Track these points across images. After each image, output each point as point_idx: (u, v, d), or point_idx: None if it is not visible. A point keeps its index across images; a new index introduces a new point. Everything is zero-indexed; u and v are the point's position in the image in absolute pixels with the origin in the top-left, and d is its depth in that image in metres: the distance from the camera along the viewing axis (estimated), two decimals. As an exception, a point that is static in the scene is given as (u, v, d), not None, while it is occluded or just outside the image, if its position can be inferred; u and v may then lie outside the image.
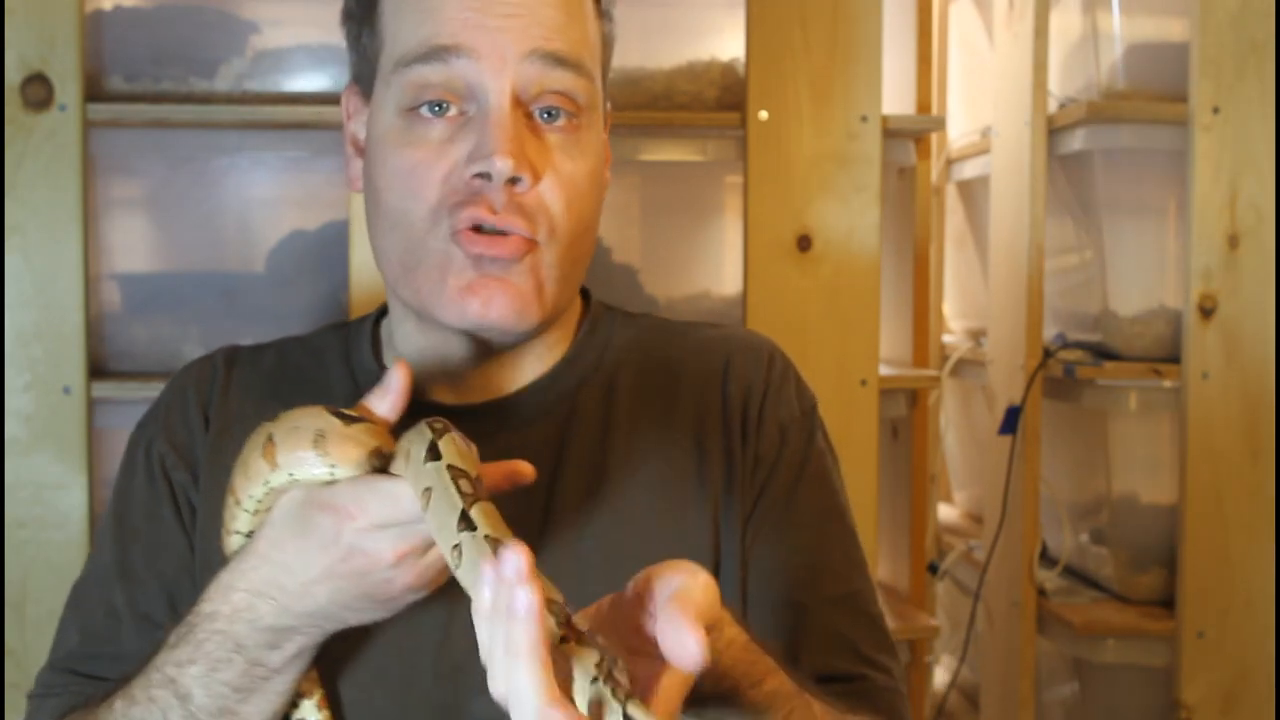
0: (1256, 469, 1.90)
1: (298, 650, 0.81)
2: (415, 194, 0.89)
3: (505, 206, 0.88)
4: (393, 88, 0.91)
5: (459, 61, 0.88)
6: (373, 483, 0.75)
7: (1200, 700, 1.90)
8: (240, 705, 0.82)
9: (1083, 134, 1.97)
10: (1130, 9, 2.00)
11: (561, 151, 0.90)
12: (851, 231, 1.78)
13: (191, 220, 1.81)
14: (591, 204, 0.94)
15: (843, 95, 1.78)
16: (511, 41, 0.88)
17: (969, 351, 2.34)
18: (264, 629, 0.80)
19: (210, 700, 0.81)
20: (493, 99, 0.88)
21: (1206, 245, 1.89)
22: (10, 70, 1.63)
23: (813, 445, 1.00)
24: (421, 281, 0.90)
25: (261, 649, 0.81)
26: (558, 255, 0.91)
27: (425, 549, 0.75)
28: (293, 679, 0.83)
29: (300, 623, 0.80)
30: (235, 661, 0.81)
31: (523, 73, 0.88)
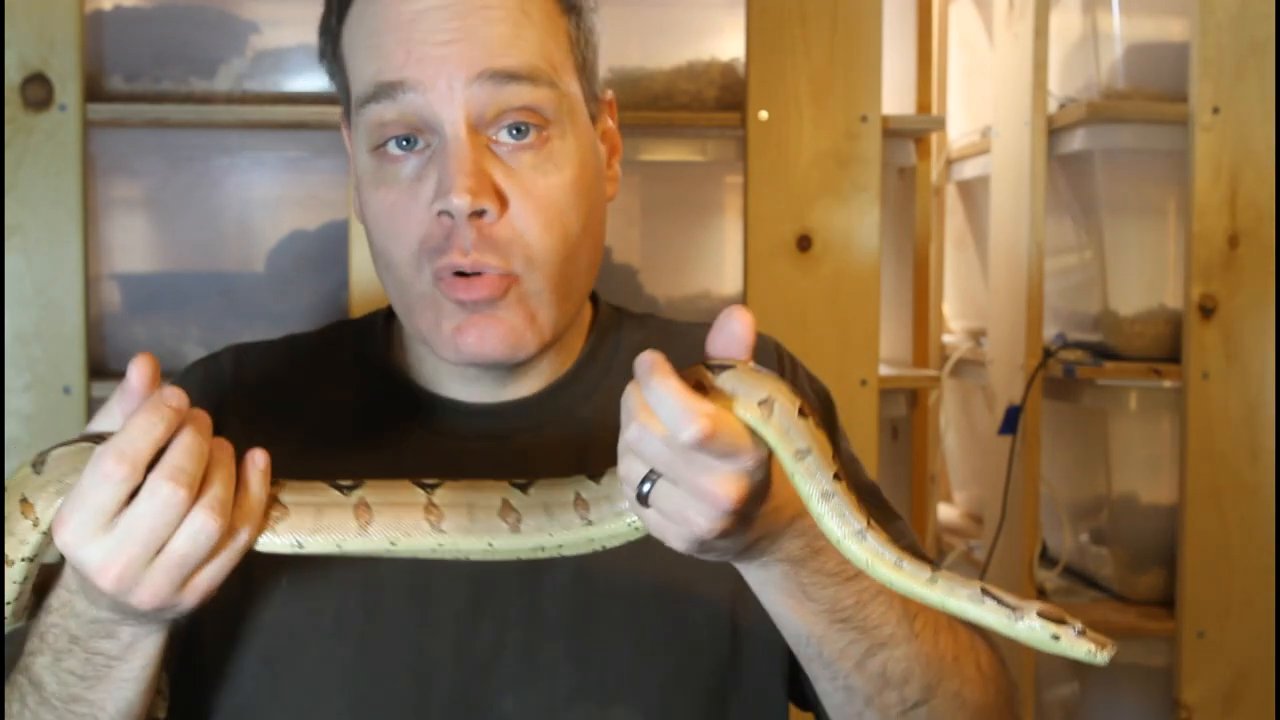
0: (1256, 469, 1.90)
1: (133, 638, 0.79)
2: (395, 236, 0.89)
3: (475, 244, 0.86)
4: (360, 129, 0.91)
5: (406, 96, 0.86)
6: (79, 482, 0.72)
7: (1200, 700, 1.90)
8: (89, 693, 0.81)
9: (1083, 134, 1.97)
10: (1130, 9, 2.00)
11: (533, 170, 0.88)
12: (851, 231, 1.78)
13: (191, 220, 1.81)
14: (577, 216, 0.91)
15: (843, 95, 1.78)
16: (456, 68, 0.85)
17: (969, 351, 2.34)
18: (87, 621, 0.78)
19: (60, 688, 0.81)
20: (448, 130, 0.86)
21: (1206, 245, 1.89)
22: (10, 70, 1.63)
23: (836, 431, 1.01)
24: (419, 322, 0.90)
25: (94, 639, 0.79)
26: (544, 281, 0.89)
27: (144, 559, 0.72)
28: (141, 666, 0.81)
29: (113, 617, 0.78)
30: (75, 651, 0.80)
31: (474, 97, 0.86)
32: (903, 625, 0.81)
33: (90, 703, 0.81)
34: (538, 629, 0.88)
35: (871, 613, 0.79)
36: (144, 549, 0.71)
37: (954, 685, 0.84)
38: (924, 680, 0.82)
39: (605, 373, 0.99)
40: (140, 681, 0.81)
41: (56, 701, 0.81)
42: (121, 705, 0.82)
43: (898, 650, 0.81)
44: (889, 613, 0.80)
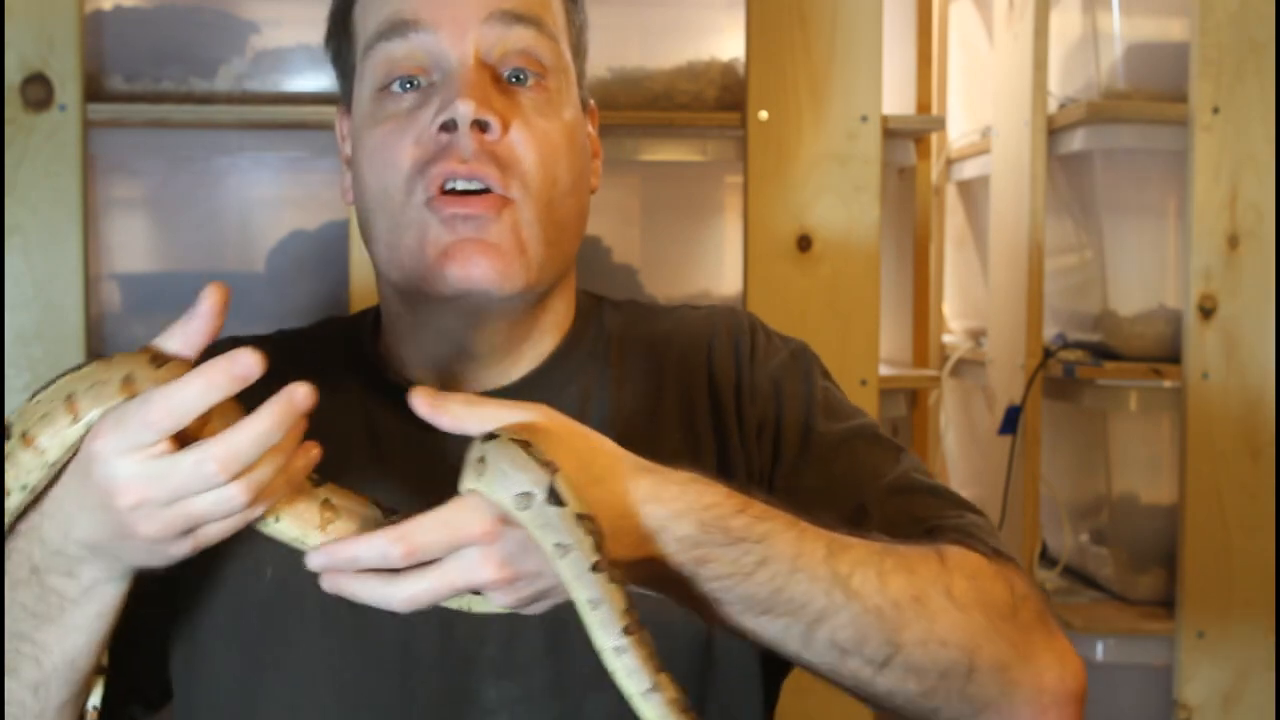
0: (1256, 469, 1.89)
1: (92, 582, 0.75)
2: (390, 163, 0.90)
3: (475, 155, 0.87)
4: (365, 74, 0.93)
5: (418, 35, 0.90)
6: (128, 406, 0.70)
7: (1200, 700, 1.90)
8: (36, 632, 0.77)
9: (1083, 134, 1.97)
10: (1130, 9, 2.00)
11: (532, 109, 0.91)
12: (851, 231, 1.78)
13: (191, 220, 1.81)
14: (569, 164, 0.92)
15: (843, 95, 1.78)
16: (467, 10, 0.90)
17: (969, 351, 2.34)
18: (52, 552, 0.75)
19: (10, 622, 0.77)
20: (456, 61, 0.90)
21: (1206, 245, 1.89)
22: (10, 70, 1.63)
23: (812, 383, 0.99)
24: (404, 256, 0.90)
25: (54, 574, 0.76)
26: (536, 212, 0.90)
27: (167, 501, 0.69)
28: (95, 615, 0.77)
29: (80, 552, 0.74)
30: (31, 584, 0.76)
31: (484, 36, 0.90)
32: (835, 592, 0.76)
33: (36, 643, 0.78)
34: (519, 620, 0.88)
35: (794, 594, 0.75)
36: (170, 496, 0.69)
37: (921, 628, 0.78)
38: (881, 636, 0.77)
39: (588, 358, 0.99)
40: (90, 633, 0.78)
41: (6, 636, 0.78)
42: (68, 653, 0.78)
43: (839, 618, 0.76)
44: (814, 586, 0.75)
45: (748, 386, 0.98)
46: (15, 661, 0.78)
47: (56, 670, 0.78)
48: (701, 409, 0.98)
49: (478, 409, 0.73)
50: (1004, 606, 0.82)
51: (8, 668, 0.78)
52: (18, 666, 0.78)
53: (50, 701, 0.79)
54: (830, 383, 1.01)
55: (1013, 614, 0.82)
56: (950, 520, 0.88)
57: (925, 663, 0.78)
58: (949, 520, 0.88)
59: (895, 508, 0.90)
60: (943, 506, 0.91)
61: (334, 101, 1.75)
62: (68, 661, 0.78)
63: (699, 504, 0.74)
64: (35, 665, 0.78)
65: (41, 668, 0.78)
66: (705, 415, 0.98)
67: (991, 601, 0.81)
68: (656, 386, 0.98)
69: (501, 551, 0.69)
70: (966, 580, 0.81)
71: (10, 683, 0.79)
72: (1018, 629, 0.82)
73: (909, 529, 0.87)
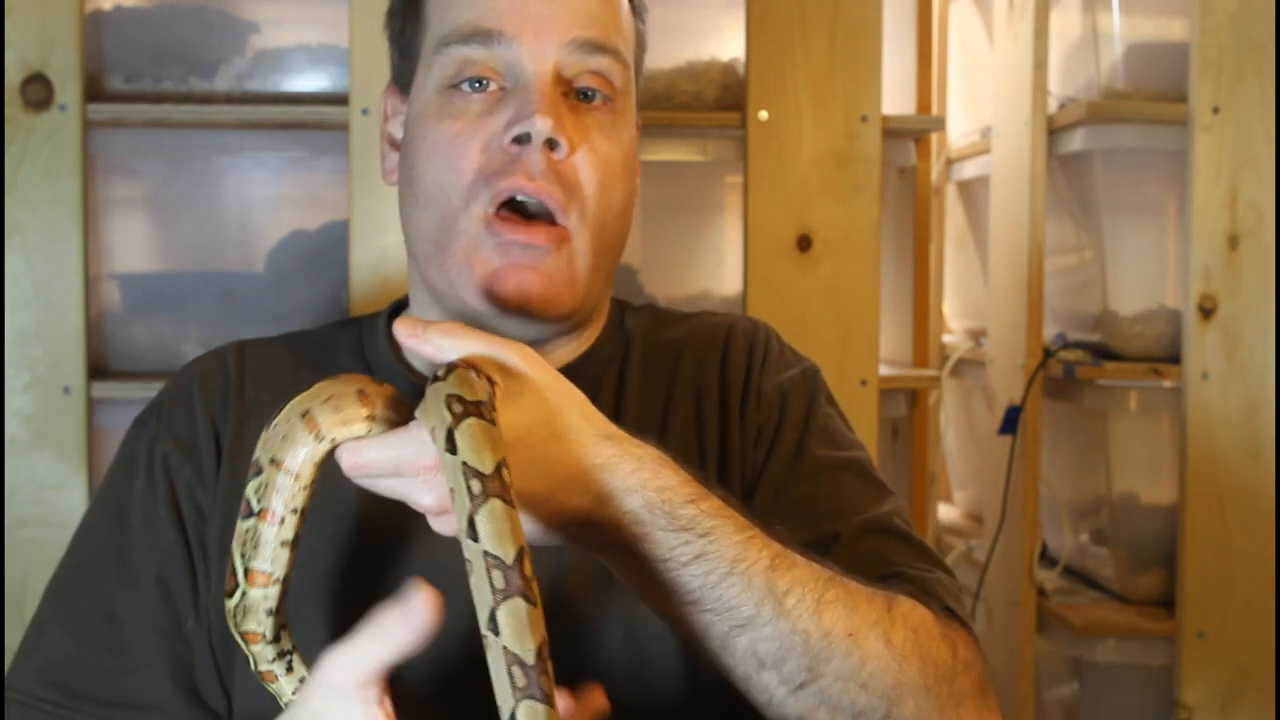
0: (1256, 469, 1.89)
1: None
2: (453, 165, 0.91)
3: (543, 173, 0.89)
4: (434, 67, 0.93)
5: (500, 46, 0.91)
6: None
7: (1200, 700, 1.90)
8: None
9: (1083, 134, 1.97)
10: (1130, 9, 2.00)
11: (598, 130, 0.93)
12: (851, 231, 1.78)
13: (191, 220, 1.81)
14: (622, 189, 0.95)
15: (843, 95, 1.78)
16: (553, 30, 0.91)
17: (969, 351, 2.34)
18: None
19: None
20: (533, 74, 0.91)
21: (1206, 245, 1.89)
22: (10, 70, 1.63)
23: (816, 405, 1.01)
24: (450, 263, 0.91)
25: None
26: (589, 241, 0.92)
27: None
28: None
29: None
30: None
31: (563, 59, 0.91)
32: (767, 604, 0.75)
33: None
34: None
35: (724, 594, 0.75)
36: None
37: (847, 664, 0.77)
38: (803, 660, 0.76)
39: (609, 360, 1.01)
40: None
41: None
42: None
43: (764, 630, 0.75)
44: (746, 593, 0.75)
45: (755, 390, 1.00)
46: None
47: None
48: (710, 407, 0.99)
49: (457, 338, 0.74)
50: (942, 667, 0.81)
51: None
52: None
53: None
54: (834, 410, 1.03)
55: (949, 678, 0.81)
56: (914, 572, 0.89)
57: (842, 699, 0.77)
58: (913, 571, 0.89)
59: (866, 546, 0.91)
60: (912, 556, 0.91)
61: (334, 101, 1.76)
62: None
63: (652, 483, 0.74)
64: None
65: None
66: (714, 414, 0.99)
67: (929, 659, 0.80)
68: (670, 386, 1.00)
69: (440, 485, 0.70)
70: (908, 632, 0.80)
71: None
72: (951, 693, 0.81)
73: (873, 569, 0.87)
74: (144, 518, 0.95)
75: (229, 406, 0.97)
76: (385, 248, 1.66)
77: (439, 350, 0.73)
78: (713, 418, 0.99)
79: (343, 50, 1.71)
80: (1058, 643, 2.06)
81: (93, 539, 0.96)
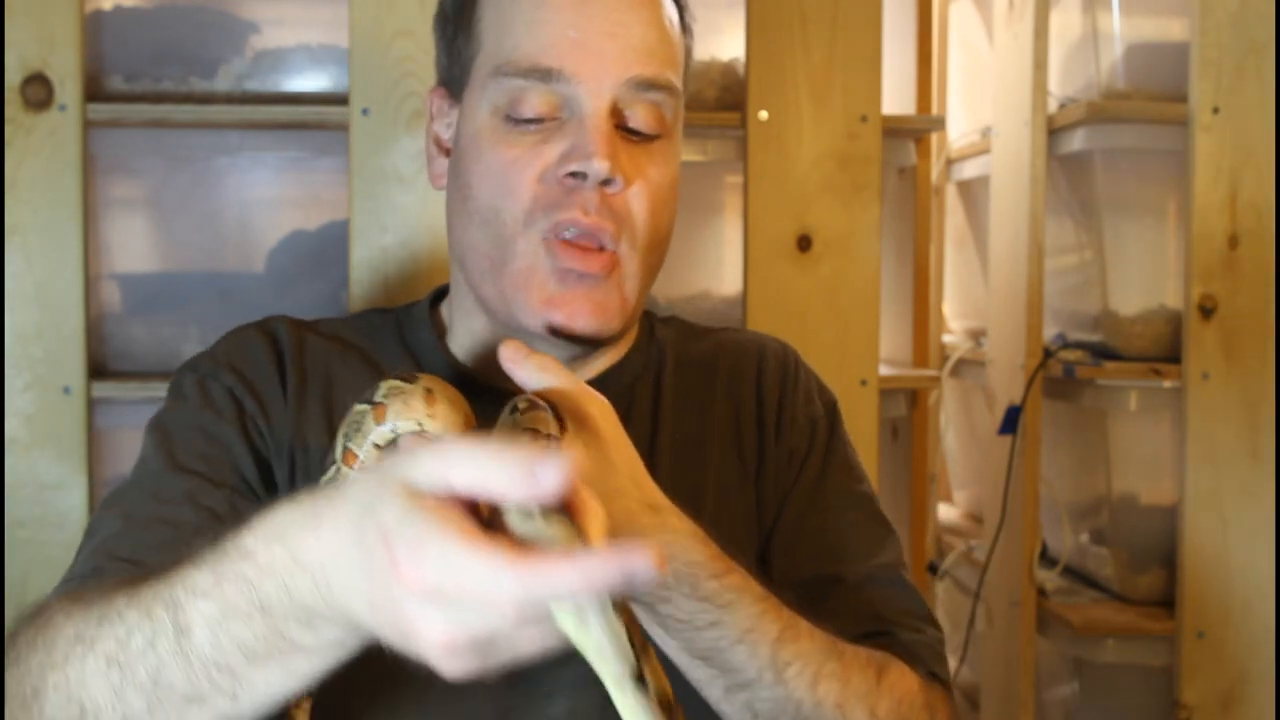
0: (1256, 469, 1.89)
1: (334, 640, 0.65)
2: (510, 192, 0.92)
3: (597, 209, 0.91)
4: (489, 91, 0.94)
5: (559, 83, 0.92)
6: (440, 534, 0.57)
7: (1200, 700, 1.90)
8: (245, 668, 0.66)
9: (1083, 134, 1.97)
10: (1130, 9, 2.00)
11: (648, 159, 0.95)
12: (851, 231, 1.78)
13: (191, 220, 1.81)
14: (669, 214, 0.98)
15: (843, 95, 1.78)
16: (610, 68, 0.92)
17: (969, 351, 2.34)
18: (296, 604, 0.64)
19: (211, 650, 0.66)
20: (590, 106, 0.92)
21: (1206, 245, 1.89)
22: (10, 70, 1.63)
23: (836, 437, 1.06)
24: (507, 285, 0.94)
25: (289, 621, 0.65)
26: (638, 265, 0.95)
27: (481, 643, 0.58)
28: (320, 666, 0.67)
29: (339, 616, 0.64)
30: (255, 621, 0.65)
31: (620, 94, 0.93)
32: (769, 671, 0.82)
33: (239, 679, 0.67)
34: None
35: (732, 658, 0.81)
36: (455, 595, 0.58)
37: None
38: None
39: (644, 369, 1.04)
40: (308, 680, 0.68)
41: (196, 660, 0.67)
42: (274, 695, 0.68)
43: (763, 692, 0.83)
44: (751, 660, 0.82)
45: (789, 414, 1.04)
46: (204, 690, 0.67)
47: (253, 708, 0.68)
48: (748, 423, 1.03)
49: (549, 374, 0.78)
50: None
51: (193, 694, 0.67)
52: (206, 696, 0.67)
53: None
54: (849, 443, 1.08)
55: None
56: (905, 634, 0.95)
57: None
58: (903, 633, 0.95)
59: (867, 597, 0.97)
60: (907, 614, 0.98)
61: (334, 102, 1.76)
62: (271, 700, 0.69)
63: (683, 557, 0.79)
64: (230, 700, 0.67)
65: (237, 703, 0.68)
66: (751, 429, 1.03)
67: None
68: (707, 398, 1.04)
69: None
70: (892, 703, 0.87)
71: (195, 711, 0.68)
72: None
73: (869, 623, 0.95)
74: (206, 438, 0.93)
75: (288, 363, 0.99)
76: (385, 248, 1.66)
77: (528, 378, 0.78)
78: (750, 433, 1.03)
79: (343, 50, 1.71)
80: (1058, 643, 2.06)
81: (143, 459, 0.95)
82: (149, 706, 0.68)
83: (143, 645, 0.68)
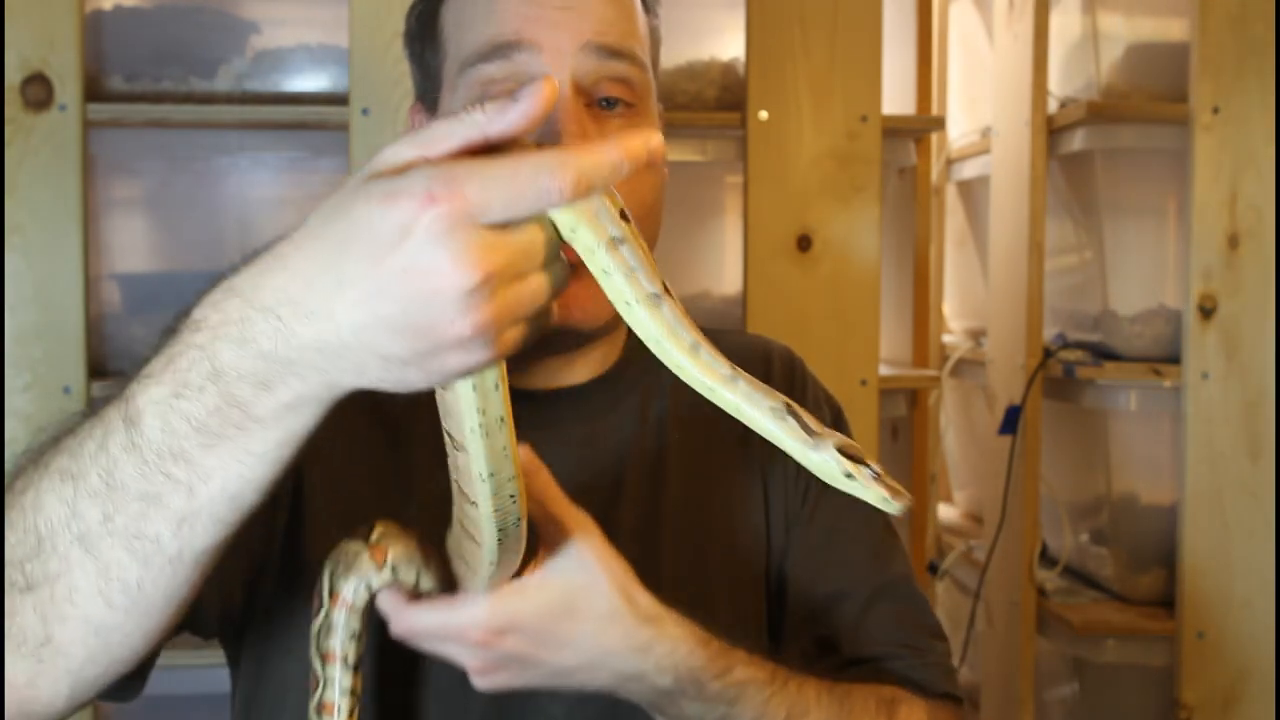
0: (1256, 469, 1.89)
1: (292, 400, 0.61)
2: None
3: None
4: (459, 90, 0.94)
5: (520, 55, 0.91)
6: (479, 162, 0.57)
7: (1200, 700, 1.90)
8: (200, 453, 0.62)
9: (1083, 134, 1.97)
10: (1130, 9, 2.00)
11: (620, 128, 0.93)
12: (851, 231, 1.78)
13: (191, 220, 1.81)
14: (651, 190, 0.97)
15: (843, 95, 1.78)
16: (568, 34, 0.91)
17: (969, 351, 2.34)
18: (254, 356, 0.60)
19: (162, 435, 0.62)
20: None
21: (1206, 245, 1.89)
22: (10, 70, 1.63)
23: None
24: None
25: (244, 384, 0.61)
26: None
27: (522, 274, 0.58)
28: (279, 443, 0.63)
29: (302, 358, 0.60)
30: (207, 393, 0.61)
31: (581, 63, 0.92)
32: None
33: (194, 467, 0.62)
34: None
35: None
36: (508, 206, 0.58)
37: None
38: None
39: (646, 368, 1.01)
40: (267, 465, 0.63)
41: (150, 453, 0.62)
42: (231, 485, 0.63)
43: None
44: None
45: None
46: (159, 485, 0.63)
47: (212, 503, 0.63)
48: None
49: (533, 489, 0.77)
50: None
51: (148, 491, 0.63)
52: (162, 493, 0.63)
53: (192, 543, 0.64)
54: None
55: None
56: (910, 657, 0.97)
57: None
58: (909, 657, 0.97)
59: (874, 616, 0.98)
60: (913, 629, 0.99)
61: (334, 101, 1.76)
62: (228, 495, 0.64)
63: (685, 664, 0.79)
64: (187, 494, 0.63)
65: (195, 498, 0.63)
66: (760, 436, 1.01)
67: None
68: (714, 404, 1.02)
69: (490, 657, 0.75)
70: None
71: (152, 514, 0.63)
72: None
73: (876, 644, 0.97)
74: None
75: None
76: (385, 248, 1.66)
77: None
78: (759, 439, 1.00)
79: (343, 50, 1.71)
80: (1058, 643, 2.06)
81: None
82: (104, 515, 0.63)
83: (94, 450, 0.64)
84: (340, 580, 0.76)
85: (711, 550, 0.95)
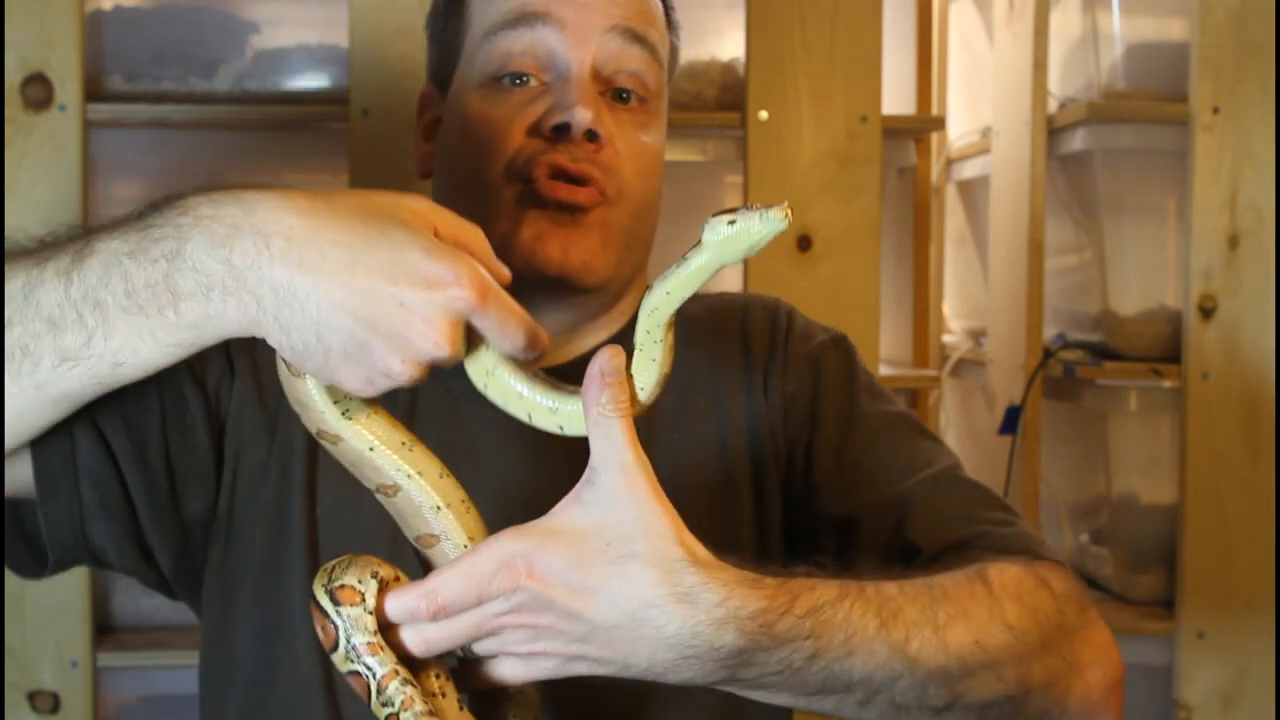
0: (1256, 469, 1.89)
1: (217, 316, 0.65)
2: (490, 151, 0.93)
3: (582, 159, 0.91)
4: (477, 59, 0.95)
5: (544, 29, 0.93)
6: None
7: (1200, 700, 1.90)
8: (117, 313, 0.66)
9: (1083, 134, 1.97)
10: (1130, 9, 2.00)
11: (632, 123, 0.96)
12: (851, 231, 1.78)
13: (191, 220, 1.81)
14: (656, 183, 0.99)
15: (843, 95, 1.78)
16: (596, 16, 0.93)
17: (969, 351, 2.34)
18: (219, 260, 0.64)
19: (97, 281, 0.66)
20: (574, 66, 0.93)
21: (1206, 245, 1.89)
22: (10, 70, 1.63)
23: (855, 366, 1.02)
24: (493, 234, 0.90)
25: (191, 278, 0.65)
26: (625, 218, 0.95)
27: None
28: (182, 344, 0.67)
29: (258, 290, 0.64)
30: (155, 266, 0.66)
31: (603, 46, 0.93)
32: (895, 663, 0.73)
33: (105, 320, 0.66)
34: None
35: (850, 675, 0.72)
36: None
37: (984, 677, 0.76)
38: (941, 689, 0.75)
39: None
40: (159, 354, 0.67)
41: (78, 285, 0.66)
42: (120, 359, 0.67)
43: (900, 684, 0.74)
44: (871, 661, 0.72)
45: (779, 362, 1.01)
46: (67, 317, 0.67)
47: (100, 359, 0.67)
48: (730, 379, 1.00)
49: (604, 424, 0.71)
50: (1051, 617, 0.81)
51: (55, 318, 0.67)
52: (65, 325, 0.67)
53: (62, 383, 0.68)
54: (869, 372, 1.04)
55: (1060, 624, 0.81)
56: (987, 528, 0.89)
57: (985, 697, 0.77)
58: (987, 527, 0.89)
59: (942, 501, 0.91)
60: (986, 506, 0.91)
61: (334, 101, 1.76)
62: (116, 361, 0.67)
63: (743, 612, 0.69)
64: (85, 340, 0.67)
65: (90, 347, 0.67)
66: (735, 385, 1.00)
67: (1041, 619, 0.80)
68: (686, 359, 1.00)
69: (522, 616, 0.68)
70: (1016, 604, 0.79)
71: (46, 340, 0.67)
72: (1064, 638, 0.81)
73: (954, 526, 0.88)
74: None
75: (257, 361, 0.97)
76: (385, 248, 1.66)
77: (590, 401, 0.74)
78: (733, 389, 1.00)
79: (343, 50, 1.71)
80: (1058, 643, 2.05)
81: None
82: (7, 318, 0.67)
83: (32, 264, 0.68)
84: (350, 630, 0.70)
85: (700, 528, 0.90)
